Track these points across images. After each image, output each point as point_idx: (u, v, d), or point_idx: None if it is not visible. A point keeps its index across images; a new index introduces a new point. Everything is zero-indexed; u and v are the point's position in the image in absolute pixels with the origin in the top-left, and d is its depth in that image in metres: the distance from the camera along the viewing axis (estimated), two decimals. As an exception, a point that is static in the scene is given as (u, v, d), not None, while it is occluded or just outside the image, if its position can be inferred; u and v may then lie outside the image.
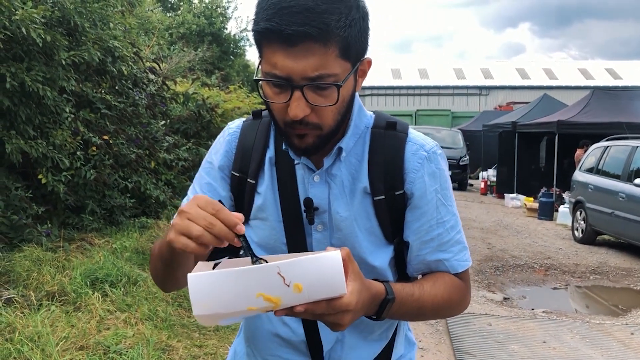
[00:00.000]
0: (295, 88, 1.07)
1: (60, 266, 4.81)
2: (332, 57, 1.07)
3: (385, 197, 1.24)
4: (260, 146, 1.29)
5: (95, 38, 6.11)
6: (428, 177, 1.25)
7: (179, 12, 20.15)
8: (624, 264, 8.51)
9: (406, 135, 1.27)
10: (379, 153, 1.25)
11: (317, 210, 1.24)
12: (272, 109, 1.14)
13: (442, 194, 1.27)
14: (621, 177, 9.35)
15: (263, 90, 1.13)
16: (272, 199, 1.27)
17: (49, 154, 5.35)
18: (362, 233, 1.25)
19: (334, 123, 1.14)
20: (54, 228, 5.54)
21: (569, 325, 5.61)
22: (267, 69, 1.09)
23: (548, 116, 14.99)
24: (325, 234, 1.26)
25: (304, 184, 1.25)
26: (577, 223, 10.50)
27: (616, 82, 35.60)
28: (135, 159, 6.77)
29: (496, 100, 33.82)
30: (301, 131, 1.12)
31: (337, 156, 1.23)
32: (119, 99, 6.88)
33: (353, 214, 1.24)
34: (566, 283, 7.54)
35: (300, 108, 1.08)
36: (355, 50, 1.12)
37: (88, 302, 4.30)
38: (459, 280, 1.29)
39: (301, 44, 1.03)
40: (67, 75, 5.65)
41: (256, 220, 1.29)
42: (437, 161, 1.27)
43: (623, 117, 12.73)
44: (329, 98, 1.09)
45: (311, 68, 1.05)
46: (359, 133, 1.26)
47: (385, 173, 1.24)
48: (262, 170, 1.28)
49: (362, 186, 1.24)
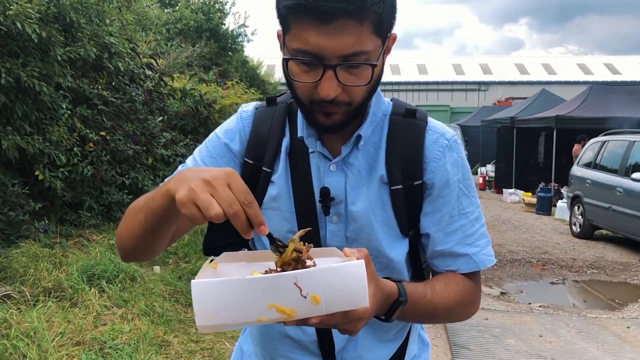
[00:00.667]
0: (328, 67, 1.02)
1: (57, 262, 4.81)
2: (366, 34, 1.02)
3: (403, 187, 1.19)
4: (277, 134, 1.24)
5: (91, 34, 6.10)
6: (450, 166, 1.20)
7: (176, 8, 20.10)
8: (621, 259, 8.53)
9: (426, 123, 1.23)
10: (397, 141, 1.20)
11: (333, 200, 1.19)
12: (297, 88, 1.09)
13: (465, 184, 1.22)
14: (618, 171, 9.36)
15: (288, 68, 1.07)
16: (285, 188, 1.22)
17: (45, 150, 5.35)
18: (378, 225, 1.20)
19: (362, 100, 1.10)
20: (51, 224, 5.55)
21: (565, 320, 5.62)
22: (295, 45, 1.03)
23: (546, 111, 14.99)
24: (341, 226, 1.21)
25: (319, 174, 1.20)
26: (574, 218, 10.51)
27: (615, 77, 35.58)
28: (132, 155, 6.77)
29: (495, 96, 33.80)
30: (330, 109, 1.08)
31: (355, 144, 1.19)
32: (115, 95, 6.88)
33: (370, 204, 1.19)
34: (563, 277, 7.55)
35: (332, 88, 1.03)
36: (387, 27, 1.08)
37: (85, 298, 4.31)
38: (470, 282, 1.23)
39: (336, 21, 0.98)
40: (63, 72, 5.65)
41: (269, 210, 1.23)
42: (459, 150, 1.22)
43: (621, 112, 12.73)
44: (362, 77, 1.05)
45: (346, 46, 1.00)
46: (376, 120, 1.22)
47: (403, 162, 1.19)
48: (278, 159, 1.23)
49: (378, 175, 1.19)
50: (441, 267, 1.23)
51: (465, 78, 36.86)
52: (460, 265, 1.21)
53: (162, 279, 5.15)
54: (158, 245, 1.11)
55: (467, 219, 1.21)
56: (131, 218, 1.08)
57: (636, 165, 9.03)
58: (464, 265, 1.21)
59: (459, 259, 1.21)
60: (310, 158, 1.21)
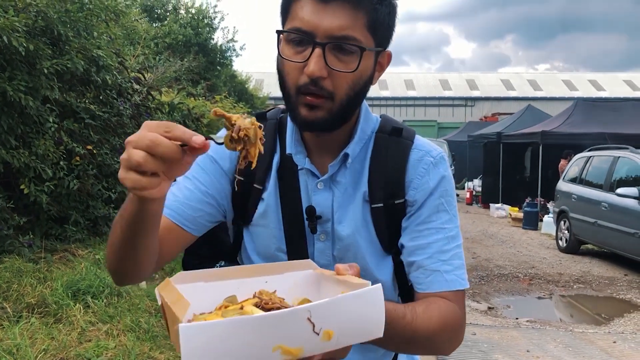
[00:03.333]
0: (317, 45, 1.05)
1: (41, 277, 4.75)
2: (360, 24, 1.06)
3: (384, 205, 1.19)
4: (268, 151, 1.22)
5: (79, 47, 6.08)
6: (433, 182, 1.19)
7: (165, 22, 20.12)
8: (607, 273, 8.58)
9: (412, 142, 1.23)
10: (380, 160, 1.21)
11: (320, 218, 1.20)
12: (286, 72, 1.10)
13: (446, 200, 1.20)
14: (604, 186, 9.45)
15: (281, 51, 1.10)
16: (274, 205, 1.22)
17: (31, 163, 5.30)
18: (364, 243, 1.20)
19: (345, 97, 1.10)
20: (36, 239, 5.48)
21: (552, 334, 5.63)
22: (291, 24, 1.08)
23: (532, 127, 15.13)
24: (328, 244, 1.22)
25: (307, 191, 1.21)
26: (561, 232, 10.58)
27: (599, 93, 36.06)
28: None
29: (481, 111, 34.10)
30: (313, 99, 1.08)
31: (343, 162, 1.20)
32: (103, 108, 6.84)
33: (355, 223, 1.20)
34: (550, 292, 7.58)
35: (318, 66, 1.04)
36: (381, 33, 1.11)
37: (69, 313, 4.25)
38: (453, 305, 1.14)
39: (333, 2, 1.04)
40: (51, 85, 5.62)
41: (258, 227, 1.24)
42: (445, 167, 1.22)
43: (606, 127, 12.87)
44: (349, 65, 1.07)
45: (338, 27, 1.04)
46: (365, 138, 1.23)
47: (385, 180, 1.19)
48: (269, 176, 1.23)
49: (361, 192, 1.20)
50: (413, 283, 1.19)
51: (452, 94, 37.18)
52: (430, 282, 1.16)
53: (148, 294, 5.10)
54: (143, 259, 1.04)
55: (443, 235, 1.18)
56: (111, 235, 1.04)
57: (621, 180, 9.12)
58: (434, 284, 1.15)
59: (430, 275, 1.16)
60: (299, 175, 1.21)
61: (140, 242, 0.99)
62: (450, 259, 1.17)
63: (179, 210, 1.18)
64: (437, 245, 1.17)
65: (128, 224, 0.95)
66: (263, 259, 1.24)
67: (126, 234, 0.97)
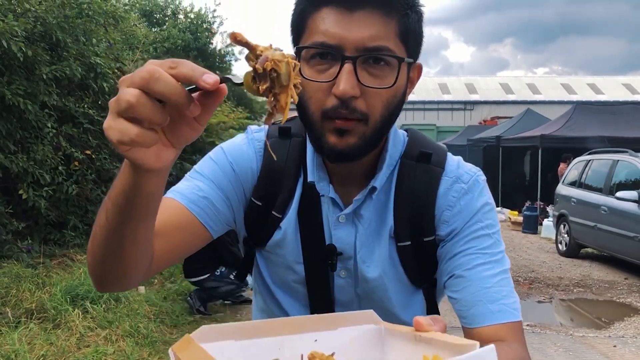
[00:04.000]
0: (347, 59, 0.91)
1: (40, 283, 4.74)
2: (392, 32, 0.93)
3: (411, 244, 1.07)
4: (292, 175, 1.09)
5: (77, 53, 6.09)
6: (467, 212, 1.05)
7: (164, 27, 20.15)
8: (607, 277, 8.56)
9: (442, 169, 1.08)
10: (406, 191, 1.06)
11: (340, 255, 1.07)
12: (309, 96, 0.95)
13: (487, 224, 1.05)
14: (603, 190, 9.43)
15: (300, 70, 0.91)
16: (293, 237, 1.09)
17: (29, 169, 5.30)
18: (391, 283, 1.08)
19: (380, 118, 0.95)
20: (34, 244, 5.48)
21: (552, 338, 5.61)
22: (311, 39, 0.94)
23: (531, 130, 15.12)
24: (349, 281, 1.10)
25: (327, 223, 1.09)
26: (560, 236, 10.56)
27: (598, 97, 36.07)
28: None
29: (481, 115, 34.10)
30: (343, 124, 0.93)
31: (369, 195, 1.06)
32: (102, 113, 6.84)
33: (382, 264, 1.07)
34: (550, 296, 7.56)
35: (350, 83, 0.90)
36: (413, 42, 0.98)
37: (68, 319, 4.24)
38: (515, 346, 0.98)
39: (361, 9, 0.91)
40: (49, 90, 5.62)
41: (272, 254, 1.12)
42: (479, 190, 1.08)
43: (605, 131, 12.88)
44: (384, 80, 0.93)
45: (369, 37, 0.91)
46: (393, 164, 1.08)
47: (412, 216, 1.06)
48: (290, 204, 1.09)
49: (387, 228, 1.07)
50: (458, 316, 1.05)
51: (451, 97, 37.20)
52: (474, 315, 1.00)
53: (147, 299, 5.09)
54: (132, 257, 0.84)
55: (485, 259, 1.02)
56: (95, 224, 0.84)
57: (620, 183, 9.11)
58: (478, 316, 1.00)
59: (473, 307, 1.00)
60: (322, 202, 1.09)
61: (127, 233, 0.79)
62: (494, 286, 1.00)
63: (201, 205, 1.02)
64: (477, 272, 1.01)
65: (116, 206, 0.76)
66: (279, 287, 1.14)
67: (112, 222, 0.78)
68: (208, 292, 5.44)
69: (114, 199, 0.76)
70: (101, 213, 0.81)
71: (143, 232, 0.81)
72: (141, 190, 0.73)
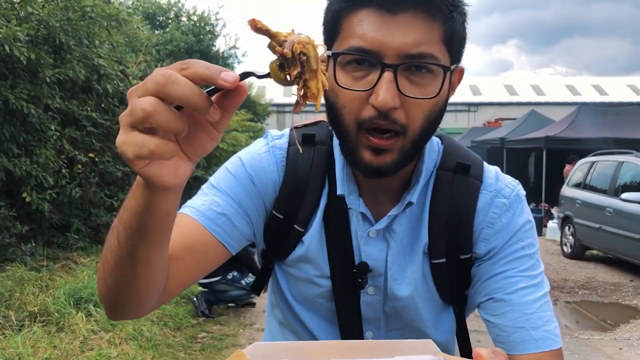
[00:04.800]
0: (387, 67, 0.83)
1: (43, 286, 4.74)
2: (436, 37, 0.86)
3: (446, 261, 1.02)
4: (317, 186, 1.02)
5: (80, 56, 6.09)
6: (508, 230, 1.01)
7: (167, 29, 20.19)
8: (612, 279, 8.52)
9: (480, 182, 1.02)
10: (442, 205, 1.01)
11: (370, 272, 1.02)
12: (343, 105, 0.88)
13: (526, 244, 1.01)
14: (608, 192, 9.40)
15: (335, 77, 0.87)
16: (319, 251, 1.03)
17: (33, 172, 5.30)
18: (422, 302, 1.04)
19: (419, 130, 0.89)
20: (38, 247, 5.48)
21: (558, 341, 5.59)
22: (347, 44, 0.87)
23: (536, 132, 15.09)
24: (378, 298, 1.05)
25: (356, 238, 1.02)
26: (565, 238, 10.52)
27: (603, 98, 36.00)
28: (121, 177, 6.73)
29: (484, 117, 34.06)
30: (380, 142, 0.87)
31: (403, 209, 1.00)
32: (105, 116, 6.85)
33: (415, 283, 1.02)
34: (555, 298, 7.53)
35: (390, 94, 0.83)
36: (457, 47, 0.91)
37: (71, 322, 4.24)
38: None
39: (403, 12, 0.83)
40: (52, 93, 5.63)
41: (293, 268, 1.06)
42: (521, 207, 1.03)
43: (609, 132, 12.84)
44: (426, 90, 0.86)
45: (412, 43, 0.83)
46: (428, 176, 1.02)
47: (449, 231, 1.00)
48: (314, 217, 1.03)
49: (422, 244, 1.02)
50: (496, 342, 1.01)
51: (454, 99, 36.45)
52: (514, 341, 0.96)
53: (150, 302, 5.08)
54: (146, 282, 0.79)
55: (526, 283, 0.98)
56: (105, 248, 0.79)
57: (625, 185, 9.07)
58: (519, 344, 0.96)
59: (515, 334, 0.96)
60: (350, 215, 1.03)
61: (141, 256, 0.74)
62: (536, 312, 0.96)
63: (219, 222, 0.97)
64: (518, 296, 0.97)
65: (128, 229, 0.71)
66: (300, 302, 1.09)
67: (124, 246, 0.73)
68: (216, 295, 5.42)
69: (126, 221, 0.71)
70: (111, 237, 0.76)
71: (158, 255, 0.77)
72: (156, 211, 0.68)
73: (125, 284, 0.78)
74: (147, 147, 0.57)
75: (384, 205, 1.01)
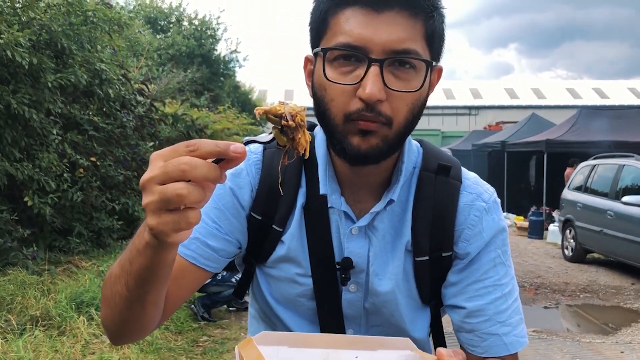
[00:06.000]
0: (374, 62, 0.88)
1: (45, 290, 4.74)
2: (419, 34, 0.92)
3: (429, 259, 1.06)
4: (292, 185, 1.05)
5: (82, 60, 6.11)
6: (487, 233, 1.06)
7: (168, 33, 20.23)
8: (614, 282, 8.52)
9: (460, 183, 1.08)
10: (426, 204, 1.05)
11: (353, 268, 1.05)
12: (331, 98, 0.93)
13: (502, 251, 1.08)
14: (609, 195, 9.40)
15: (324, 73, 0.92)
16: (299, 250, 1.06)
17: (35, 176, 5.32)
18: (403, 298, 1.07)
19: (404, 121, 0.94)
20: (39, 251, 5.48)
21: (559, 345, 5.58)
22: (335, 40, 0.91)
23: (536, 135, 15.09)
24: (359, 295, 1.08)
25: (338, 235, 1.06)
26: (566, 241, 10.51)
27: (603, 101, 36.02)
28: (123, 181, 6.75)
29: (485, 120, 34.06)
30: (367, 125, 0.91)
31: (384, 207, 1.04)
32: (106, 120, 6.87)
33: (396, 279, 1.06)
34: (556, 302, 7.52)
35: (377, 87, 0.88)
36: (437, 44, 0.97)
37: (73, 326, 4.24)
38: None
39: (388, 10, 0.89)
40: (54, 98, 5.65)
41: (273, 269, 1.09)
42: (498, 212, 1.09)
43: (610, 135, 12.84)
44: (410, 83, 0.92)
45: (397, 40, 0.89)
46: (407, 175, 1.06)
47: (432, 229, 1.05)
48: (292, 216, 1.06)
49: (404, 241, 1.06)
50: (466, 344, 1.08)
51: (455, 102, 37.19)
52: (488, 347, 1.05)
53: (152, 306, 5.09)
54: (152, 316, 0.89)
55: (501, 292, 1.05)
56: (110, 292, 0.87)
57: (626, 188, 9.07)
58: (492, 348, 1.05)
59: (487, 340, 1.05)
60: (330, 214, 1.06)
61: (150, 299, 0.83)
62: (508, 319, 1.05)
63: (198, 250, 1.01)
64: (494, 306, 1.04)
65: (138, 279, 0.79)
66: (281, 303, 1.11)
67: (134, 292, 0.81)
68: (211, 298, 5.43)
69: (136, 274, 0.78)
70: (117, 285, 0.83)
71: (163, 293, 0.86)
72: (167, 261, 0.77)
73: (134, 321, 0.88)
74: (186, 221, 0.66)
75: (365, 204, 1.05)
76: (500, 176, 16.49)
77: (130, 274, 0.79)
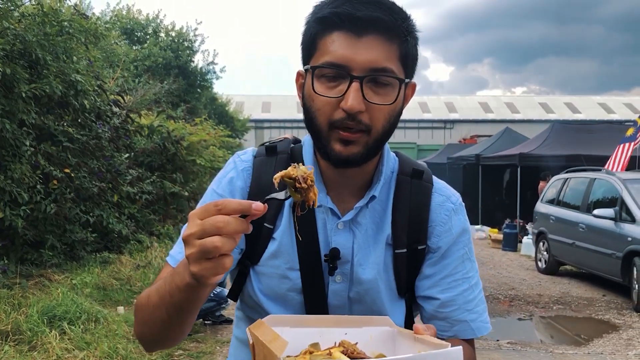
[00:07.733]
0: (355, 78, 1.03)
1: (15, 304, 4.66)
2: (394, 56, 1.06)
3: (407, 251, 1.18)
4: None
5: (57, 71, 6.05)
6: (455, 230, 1.20)
7: (145, 45, 20.12)
8: (586, 294, 8.65)
9: (432, 185, 1.23)
10: (404, 203, 1.19)
11: (339, 259, 1.15)
12: (317, 108, 1.07)
13: (469, 248, 1.22)
14: (580, 208, 9.55)
15: (313, 87, 1.07)
16: (289, 244, 1.16)
17: (7, 187, 5.23)
18: (384, 287, 1.18)
19: (382, 130, 1.08)
20: (10, 264, 5.39)
21: (532, 356, 5.64)
22: (322, 59, 1.06)
23: (510, 149, 15.30)
24: (344, 286, 1.17)
25: (325, 230, 1.17)
26: (540, 254, 10.65)
27: (575, 115, 36.74)
28: (97, 193, 6.67)
29: (460, 134, 34.46)
30: (348, 135, 1.05)
31: (366, 203, 1.17)
32: (81, 131, 6.80)
33: (378, 267, 1.17)
34: (530, 314, 7.61)
35: (357, 100, 1.02)
36: (410, 64, 1.11)
37: (44, 340, 4.17)
38: (471, 349, 1.20)
39: (367, 35, 1.03)
40: (28, 108, 5.57)
41: (265, 267, 1.18)
42: (464, 213, 1.24)
43: (582, 149, 13.08)
44: (386, 97, 1.06)
45: (375, 60, 1.03)
46: (387, 178, 1.20)
47: (409, 225, 1.18)
48: (281, 214, 1.18)
49: (384, 235, 1.18)
50: (437, 330, 1.13)
51: (431, 116, 37.58)
52: (457, 331, 1.19)
53: (126, 319, 5.02)
54: (185, 332, 1.08)
55: (468, 284, 1.20)
56: (150, 316, 1.04)
57: (597, 201, 9.24)
58: (460, 332, 1.19)
59: (457, 325, 1.19)
60: (316, 212, 1.17)
61: (187, 321, 1.02)
62: (475, 307, 1.20)
63: None
64: (463, 297, 1.19)
65: (178, 309, 0.96)
66: (271, 299, 1.19)
67: (175, 318, 0.99)
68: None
69: (178, 304, 0.95)
70: (157, 312, 1.00)
71: (195, 315, 1.04)
72: (203, 295, 0.94)
73: (173, 338, 1.07)
74: (223, 267, 0.83)
75: (349, 202, 1.18)
76: (475, 189, 16.66)
77: (172, 304, 0.96)
